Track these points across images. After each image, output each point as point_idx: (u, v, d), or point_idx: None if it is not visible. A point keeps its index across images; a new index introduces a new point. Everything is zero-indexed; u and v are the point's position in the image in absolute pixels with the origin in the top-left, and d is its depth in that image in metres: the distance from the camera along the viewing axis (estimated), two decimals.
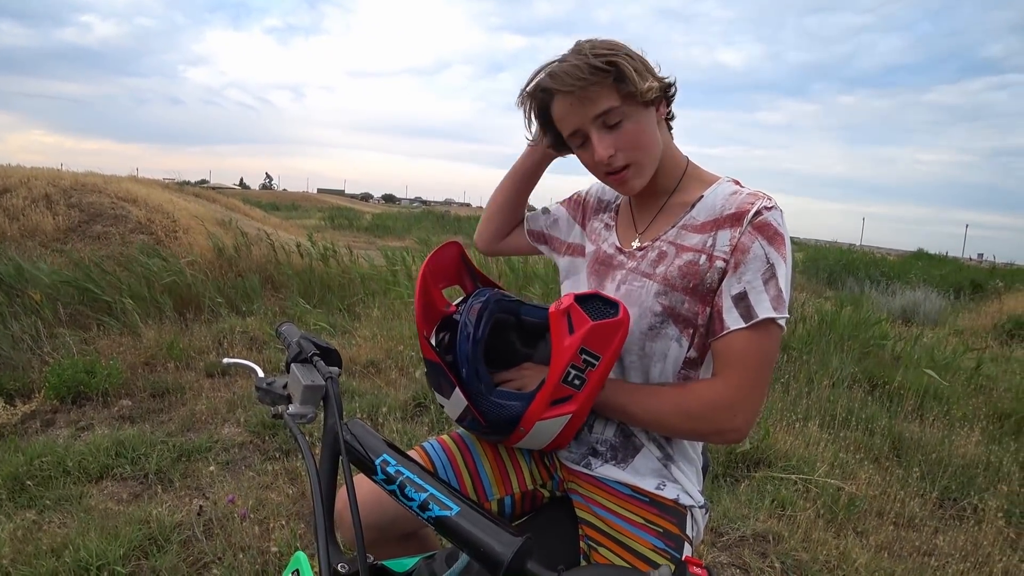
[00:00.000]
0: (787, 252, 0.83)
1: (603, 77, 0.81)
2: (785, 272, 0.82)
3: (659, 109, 0.88)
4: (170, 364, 3.50)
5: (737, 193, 0.87)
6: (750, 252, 0.82)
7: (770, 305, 0.80)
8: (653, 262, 0.90)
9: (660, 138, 0.89)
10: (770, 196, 0.85)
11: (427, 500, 0.52)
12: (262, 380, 0.75)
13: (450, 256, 0.94)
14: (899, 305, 7.77)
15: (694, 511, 0.93)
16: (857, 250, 18.37)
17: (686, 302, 0.86)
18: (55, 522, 1.98)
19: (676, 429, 0.86)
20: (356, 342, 4.06)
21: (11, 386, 3.06)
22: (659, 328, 0.88)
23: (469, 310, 0.84)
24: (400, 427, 2.73)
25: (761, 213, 0.83)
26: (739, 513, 2.24)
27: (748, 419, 0.82)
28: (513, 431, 0.83)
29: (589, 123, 0.84)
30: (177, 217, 6.39)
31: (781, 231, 0.83)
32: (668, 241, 0.90)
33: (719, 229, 0.85)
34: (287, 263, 5.64)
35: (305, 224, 14.94)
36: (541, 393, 0.79)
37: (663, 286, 0.87)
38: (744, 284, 0.82)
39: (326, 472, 0.60)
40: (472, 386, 0.81)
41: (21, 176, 6.52)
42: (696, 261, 0.86)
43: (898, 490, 2.52)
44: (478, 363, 0.81)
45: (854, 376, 3.93)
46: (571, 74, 0.81)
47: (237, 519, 1.96)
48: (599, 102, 0.82)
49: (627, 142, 0.84)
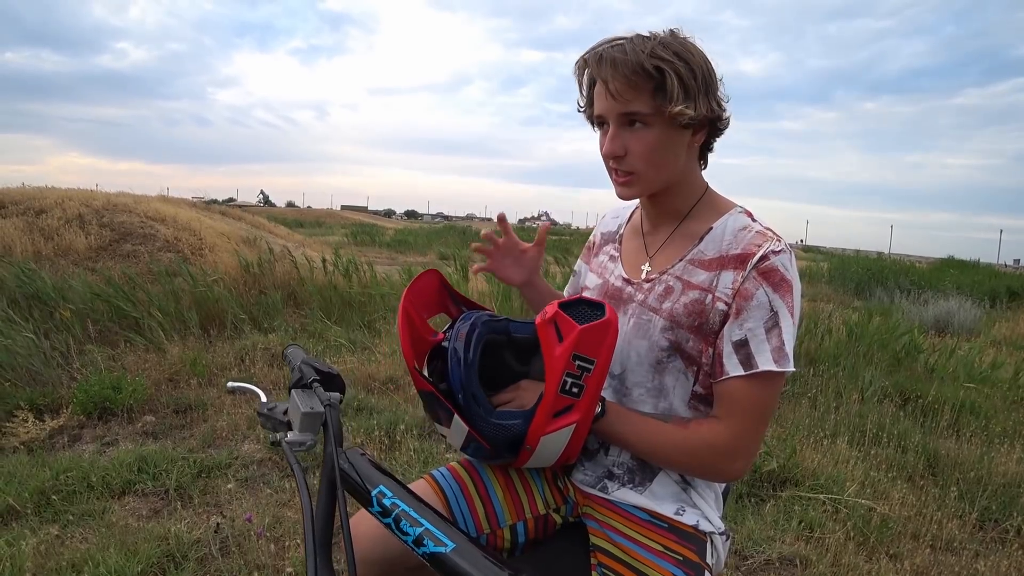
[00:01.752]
0: (794, 301, 0.81)
1: (645, 81, 0.79)
2: (790, 323, 0.80)
3: (696, 134, 0.85)
4: (193, 380, 3.56)
5: (746, 230, 0.85)
6: (753, 299, 0.80)
7: (771, 356, 0.79)
8: (660, 296, 0.88)
9: (680, 161, 0.86)
10: (779, 237, 0.83)
11: (422, 535, 0.50)
12: (264, 405, 0.74)
13: (430, 285, 0.93)
14: (932, 315, 7.51)
15: (714, 538, 0.90)
16: (886, 258, 17.92)
17: (691, 340, 0.85)
18: (77, 537, 2.01)
19: (674, 464, 0.86)
20: (376, 358, 4.07)
21: (41, 401, 3.14)
22: (666, 362, 0.87)
23: (457, 335, 0.82)
24: (417, 445, 2.72)
25: (767, 258, 0.80)
26: (764, 535, 2.16)
27: (747, 463, 0.83)
28: (519, 451, 0.82)
29: (613, 116, 0.83)
30: (203, 235, 6.54)
31: (788, 277, 0.80)
32: (675, 276, 0.88)
33: (723, 269, 0.83)
34: (310, 279, 5.71)
35: (328, 240, 15.16)
36: (541, 407, 0.78)
37: (669, 322, 0.86)
38: (745, 331, 0.80)
39: (323, 501, 0.59)
40: (471, 411, 0.80)
41: (56, 197, 6.75)
42: (702, 300, 0.84)
43: (934, 511, 2.40)
44: (473, 387, 0.79)
45: (884, 390, 3.79)
46: (616, 64, 0.79)
47: (254, 537, 1.96)
48: (630, 102, 0.80)
49: (640, 151, 0.83)
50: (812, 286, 11.19)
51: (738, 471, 0.83)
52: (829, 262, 15.59)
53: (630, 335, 0.89)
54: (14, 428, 2.83)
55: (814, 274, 12.94)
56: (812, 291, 10.33)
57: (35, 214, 6.27)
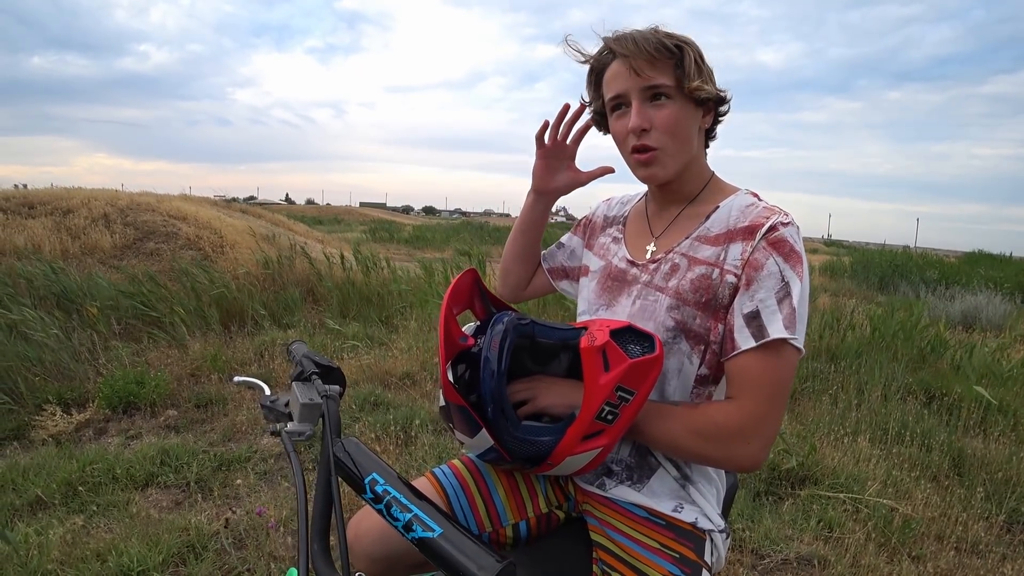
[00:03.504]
0: (803, 271, 0.79)
1: (666, 56, 0.82)
2: (800, 291, 0.78)
3: (705, 116, 0.88)
4: (213, 376, 3.63)
5: (753, 206, 0.85)
6: (764, 268, 0.79)
7: (782, 325, 0.76)
8: (666, 275, 0.87)
9: (695, 141, 0.88)
10: (787, 212, 0.82)
11: (411, 520, 0.51)
12: (266, 398, 0.76)
13: (466, 283, 0.92)
14: (959, 310, 7.31)
15: (713, 536, 0.88)
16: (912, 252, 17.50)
17: (698, 317, 0.83)
18: (101, 527, 2.07)
19: (687, 451, 0.82)
20: (392, 354, 4.11)
21: (69, 396, 3.23)
22: (672, 344, 0.85)
23: (490, 344, 0.80)
24: (433, 440, 2.74)
25: (776, 228, 0.80)
26: (782, 534, 2.13)
27: (762, 447, 0.78)
28: (540, 464, 0.81)
29: (636, 92, 0.84)
30: (224, 233, 6.66)
31: (798, 249, 0.79)
32: (681, 253, 0.87)
33: (731, 242, 0.82)
34: (328, 275, 5.78)
35: (347, 237, 15.34)
36: (573, 429, 0.76)
37: (675, 300, 0.85)
38: (757, 302, 0.78)
39: (320, 488, 0.60)
40: (498, 424, 0.78)
41: (83, 197, 6.93)
42: (708, 275, 0.83)
43: (960, 512, 2.34)
44: (503, 400, 0.78)
45: (908, 387, 3.71)
46: (638, 41, 0.82)
47: (267, 530, 1.99)
48: (654, 76, 0.83)
49: (665, 124, 0.84)
50: (835, 281, 10.99)
51: (753, 456, 0.78)
52: (851, 256, 15.27)
53: (635, 318, 0.88)
54: (43, 421, 2.92)
55: (836, 269, 12.70)
56: (834, 286, 10.14)
57: (63, 214, 6.45)
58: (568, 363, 0.88)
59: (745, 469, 0.81)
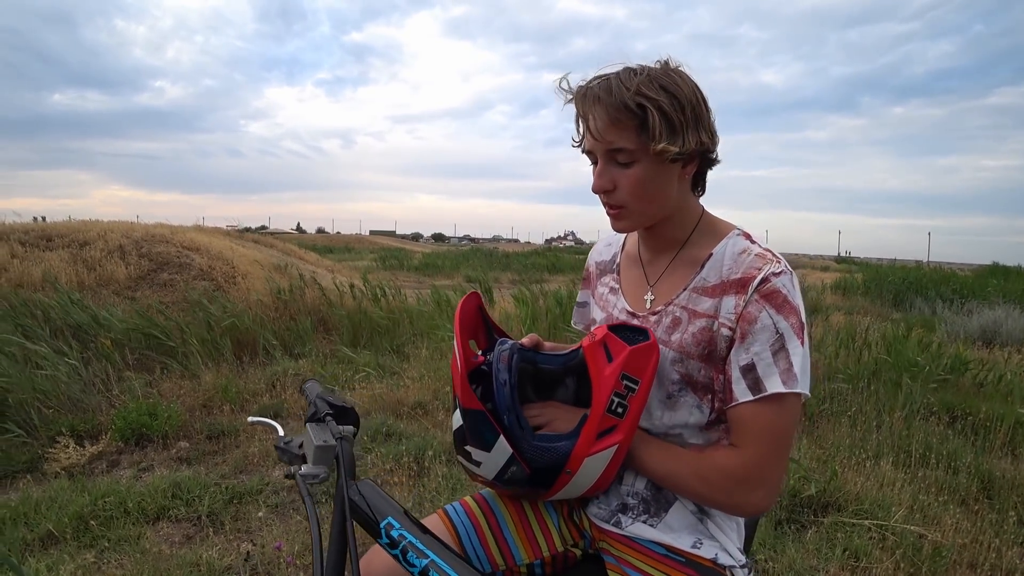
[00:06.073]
0: (800, 322, 0.79)
1: (628, 118, 0.78)
2: (797, 344, 0.78)
3: (686, 166, 0.84)
4: (225, 407, 3.63)
5: (745, 253, 0.83)
6: (757, 322, 0.78)
7: (779, 379, 0.77)
8: (668, 328, 0.87)
9: (671, 194, 0.85)
10: (779, 258, 0.81)
11: (427, 567, 0.50)
12: (280, 439, 0.75)
13: (472, 307, 0.94)
14: (977, 325, 7.16)
15: (735, 572, 0.86)
16: (925, 267, 17.27)
17: (702, 369, 0.84)
18: (112, 563, 2.04)
19: (693, 493, 0.83)
20: (404, 383, 4.09)
21: (82, 428, 3.23)
22: (677, 396, 0.85)
23: (500, 358, 0.84)
24: (446, 471, 2.70)
25: (768, 280, 0.79)
26: (806, 564, 2.06)
27: (768, 494, 0.79)
28: (558, 476, 0.81)
29: (600, 152, 0.83)
30: (236, 263, 6.73)
31: (791, 299, 0.79)
32: (681, 306, 0.87)
33: (725, 295, 0.82)
34: (339, 304, 5.80)
35: (357, 265, 15.45)
36: (588, 426, 0.79)
37: (679, 353, 0.85)
38: (752, 356, 0.79)
39: (335, 532, 0.58)
40: (514, 433, 0.81)
41: (99, 229, 7.06)
42: (709, 327, 0.83)
43: (992, 538, 2.26)
44: (518, 409, 0.81)
45: (930, 407, 3.62)
46: (598, 103, 0.79)
47: (284, 565, 1.96)
48: (615, 140, 0.81)
49: (629, 186, 0.82)
50: (847, 299, 10.85)
51: (757, 503, 0.79)
52: (863, 272, 15.10)
53: None
54: (56, 454, 2.92)
55: (849, 286, 12.56)
56: (848, 304, 10.00)
57: (79, 246, 6.56)
58: (575, 388, 0.90)
59: (750, 515, 0.82)
